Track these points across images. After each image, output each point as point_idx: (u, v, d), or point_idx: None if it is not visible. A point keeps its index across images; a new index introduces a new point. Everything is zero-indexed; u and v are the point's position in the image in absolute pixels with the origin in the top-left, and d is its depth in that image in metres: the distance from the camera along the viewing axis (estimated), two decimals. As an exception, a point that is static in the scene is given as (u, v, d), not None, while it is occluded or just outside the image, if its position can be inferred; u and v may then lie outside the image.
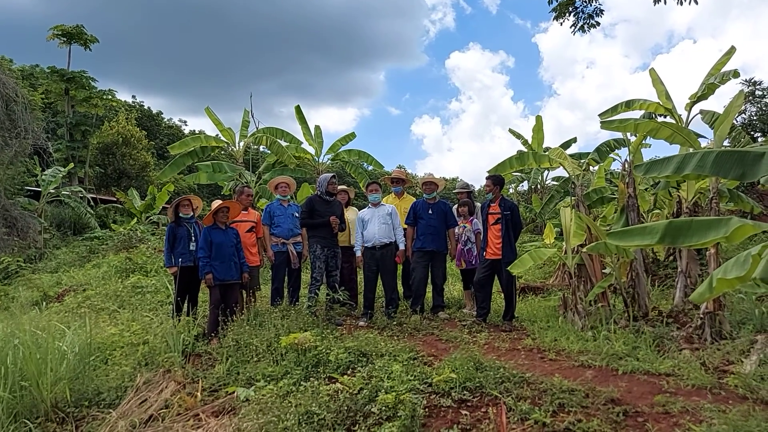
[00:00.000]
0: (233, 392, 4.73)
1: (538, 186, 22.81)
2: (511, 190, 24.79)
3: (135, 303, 8.57)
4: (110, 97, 30.55)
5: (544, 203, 16.72)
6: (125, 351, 5.81)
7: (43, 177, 20.62)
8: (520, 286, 10.16)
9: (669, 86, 8.50)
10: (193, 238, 7.08)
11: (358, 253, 7.48)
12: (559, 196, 13.93)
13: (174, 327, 6.10)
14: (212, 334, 6.29)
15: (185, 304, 7.08)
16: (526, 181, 23.96)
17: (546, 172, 22.01)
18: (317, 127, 16.01)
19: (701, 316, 5.70)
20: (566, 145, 19.35)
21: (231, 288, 6.68)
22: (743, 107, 14.09)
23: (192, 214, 7.34)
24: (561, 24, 8.29)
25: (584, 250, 6.57)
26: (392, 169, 10.52)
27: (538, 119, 19.96)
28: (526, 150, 19.30)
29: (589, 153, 11.36)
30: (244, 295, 7.25)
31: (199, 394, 4.88)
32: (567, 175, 9.14)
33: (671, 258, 9.90)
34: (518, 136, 21.20)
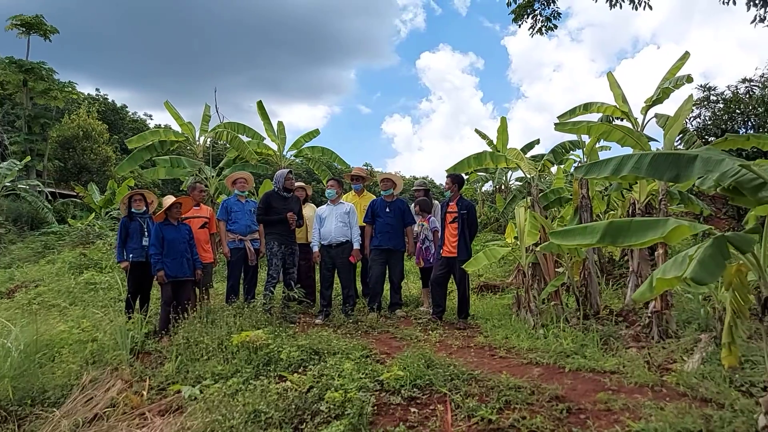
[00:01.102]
0: (180, 391, 4.67)
1: (503, 186, 23.05)
2: (478, 190, 25.03)
3: (87, 300, 8.40)
4: (70, 89, 29.85)
5: (507, 203, 16.89)
6: (73, 348, 5.66)
7: (-1, 170, 20.00)
8: (479, 284, 10.27)
9: (633, 91, 8.77)
10: (146, 234, 6.95)
11: (315, 249, 7.45)
12: (522, 196, 14.10)
13: (124, 324, 5.99)
14: (163, 332, 6.19)
15: (137, 301, 6.97)
16: (491, 181, 24.18)
17: (510, 172, 22.26)
18: (280, 123, 15.88)
19: (649, 315, 5.83)
20: (529, 146, 19.56)
21: (183, 285, 6.57)
22: (698, 112, 14.47)
23: (145, 209, 7.20)
24: (519, 26, 8.42)
25: (537, 249, 6.66)
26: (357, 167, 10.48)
27: (503, 120, 20.09)
28: (491, 150, 19.44)
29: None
30: (197, 293, 7.15)
31: (145, 392, 4.80)
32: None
33: (626, 258, 10.10)
34: (483, 136, 21.34)
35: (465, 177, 23.48)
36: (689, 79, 8.51)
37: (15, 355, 5.15)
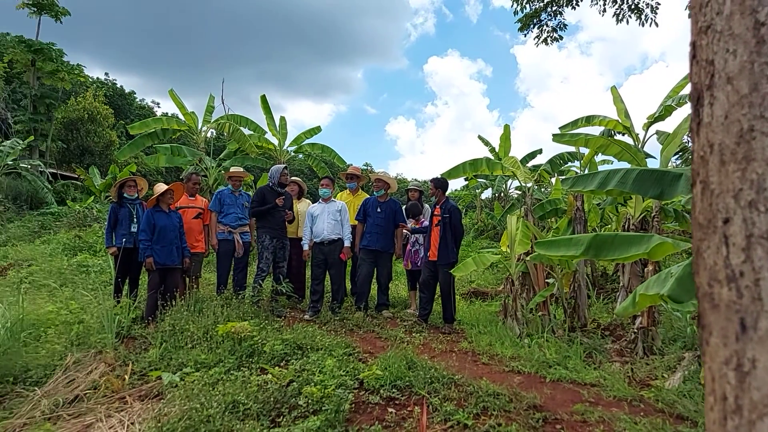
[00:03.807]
0: (161, 377, 4.68)
1: (502, 194, 23.06)
2: (477, 197, 25.09)
3: (78, 282, 8.39)
4: (78, 72, 29.82)
5: (504, 211, 16.91)
6: (60, 329, 5.66)
7: (1, 148, 20.05)
8: (470, 290, 10.28)
9: (640, 106, 8.80)
10: (135, 220, 7.00)
11: (306, 247, 7.47)
12: (520, 205, 14.12)
13: (111, 308, 5.99)
14: (150, 318, 6.20)
15: (125, 286, 7.00)
16: (490, 188, 24.20)
17: (510, 181, 22.26)
18: (282, 118, 15.93)
19: (635, 330, 5.83)
20: (532, 156, 19.51)
21: (172, 272, 6.59)
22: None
23: (136, 195, 7.26)
24: (525, 36, 8.52)
25: (528, 258, 6.67)
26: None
27: (506, 128, 20.09)
28: (492, 157, 19.43)
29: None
30: (187, 281, 7.18)
31: (127, 377, 4.81)
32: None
33: (619, 273, 10.11)
34: (486, 143, 21.37)
35: (465, 182, 23.61)
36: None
37: (1, 332, 5.16)
